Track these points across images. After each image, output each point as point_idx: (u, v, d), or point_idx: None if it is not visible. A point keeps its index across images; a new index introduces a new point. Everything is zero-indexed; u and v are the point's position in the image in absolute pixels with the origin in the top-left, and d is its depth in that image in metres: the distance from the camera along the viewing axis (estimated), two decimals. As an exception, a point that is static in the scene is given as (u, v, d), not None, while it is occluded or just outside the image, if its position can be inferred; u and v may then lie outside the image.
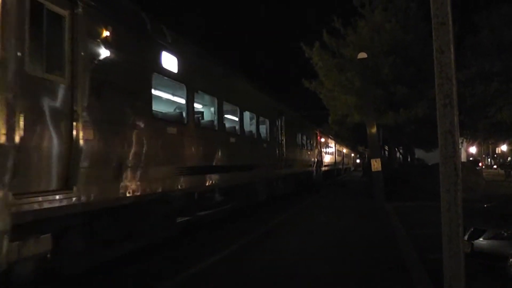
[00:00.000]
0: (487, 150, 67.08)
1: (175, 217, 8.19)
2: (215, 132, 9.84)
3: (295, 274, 6.52)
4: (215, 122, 9.98)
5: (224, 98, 10.33)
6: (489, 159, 72.23)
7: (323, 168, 28.59)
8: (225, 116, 11.22)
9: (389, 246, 8.38)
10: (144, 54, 6.93)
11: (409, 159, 26.09)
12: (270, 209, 14.26)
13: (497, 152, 68.31)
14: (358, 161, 52.47)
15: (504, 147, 49.07)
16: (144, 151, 6.59)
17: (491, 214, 7.62)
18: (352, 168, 58.80)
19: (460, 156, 3.96)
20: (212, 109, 10.80)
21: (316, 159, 25.05)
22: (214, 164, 9.44)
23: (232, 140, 10.82)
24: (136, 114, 6.49)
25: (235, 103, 11.42)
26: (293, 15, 69.64)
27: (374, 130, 16.23)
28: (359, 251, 8.09)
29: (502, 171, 39.64)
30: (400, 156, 29.40)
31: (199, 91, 8.91)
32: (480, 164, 46.29)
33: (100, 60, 5.63)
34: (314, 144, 24.83)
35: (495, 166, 59.48)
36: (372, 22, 18.16)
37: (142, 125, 6.60)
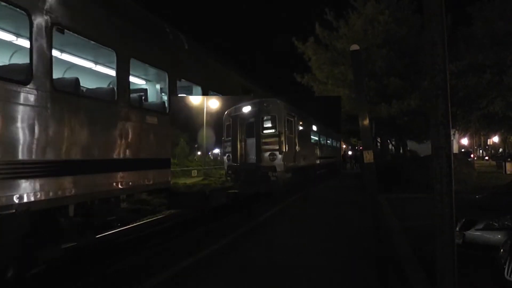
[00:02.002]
0: (479, 141, 67.57)
1: None
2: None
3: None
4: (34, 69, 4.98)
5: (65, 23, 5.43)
6: (480, 151, 72.81)
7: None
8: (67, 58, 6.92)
9: (383, 237, 8.40)
10: None
11: (401, 151, 26.18)
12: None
13: (488, 143, 68.90)
14: (350, 153, 52.29)
15: (495, 139, 49.44)
16: None
17: (483, 205, 7.68)
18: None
19: (452, 148, 3.96)
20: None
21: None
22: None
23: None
24: None
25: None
26: (285, 8, 69.26)
27: (366, 122, 16.28)
28: (352, 243, 8.14)
29: (493, 162, 40.06)
30: (393, 148, 29.51)
31: None
32: (471, 155, 46.64)
33: None
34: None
35: (486, 158, 60.06)
36: (365, 14, 18.14)
37: None
